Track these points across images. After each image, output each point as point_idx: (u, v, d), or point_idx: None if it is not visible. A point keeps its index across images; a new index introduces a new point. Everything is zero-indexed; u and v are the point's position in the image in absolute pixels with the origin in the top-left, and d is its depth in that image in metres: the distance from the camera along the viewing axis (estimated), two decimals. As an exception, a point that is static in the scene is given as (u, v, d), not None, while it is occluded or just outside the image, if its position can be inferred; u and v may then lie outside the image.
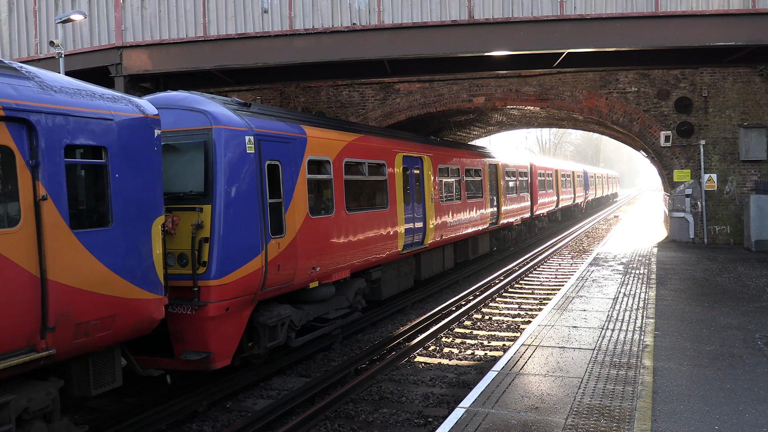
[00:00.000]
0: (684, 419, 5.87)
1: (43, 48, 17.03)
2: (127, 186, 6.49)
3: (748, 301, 11.11)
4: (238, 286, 8.21)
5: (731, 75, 19.26)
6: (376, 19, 15.77)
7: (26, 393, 5.57)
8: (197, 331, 7.93)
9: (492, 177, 20.67)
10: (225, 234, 8.09)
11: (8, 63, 5.98)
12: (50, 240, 5.64)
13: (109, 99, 6.52)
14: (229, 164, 8.26)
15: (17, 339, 5.34)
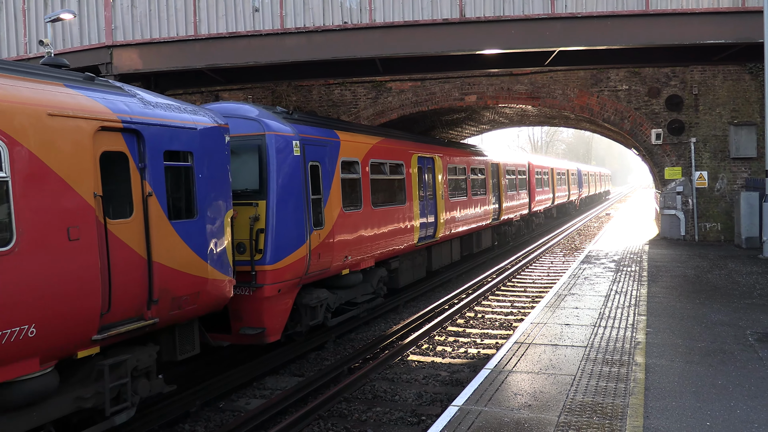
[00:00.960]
0: (676, 415, 5.89)
1: (32, 47, 16.92)
2: (207, 184, 7.75)
3: (739, 298, 11.17)
4: (288, 270, 9.54)
5: (721, 73, 19.35)
6: (368, 18, 15.76)
7: (135, 354, 6.81)
8: (254, 309, 9.22)
9: (494, 175, 21.98)
10: (277, 226, 9.40)
11: (116, 83, 7.20)
12: (154, 229, 6.90)
13: (191, 111, 7.85)
14: (280, 165, 9.57)
15: (131, 309, 6.60)
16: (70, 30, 16.74)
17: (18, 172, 5.51)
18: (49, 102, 5.89)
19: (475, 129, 30.69)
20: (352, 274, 11.71)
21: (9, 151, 5.45)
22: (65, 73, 6.65)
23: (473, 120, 26.66)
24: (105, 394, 6.39)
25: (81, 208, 6.03)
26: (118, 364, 6.58)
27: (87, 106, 6.29)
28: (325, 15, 15.90)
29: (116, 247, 6.44)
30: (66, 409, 6.21)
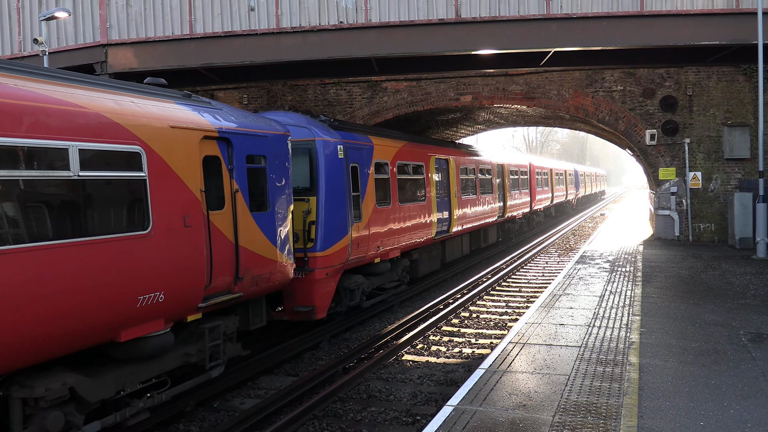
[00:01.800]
0: (670, 415, 5.92)
1: (27, 45, 16.85)
2: (276, 182, 9.26)
3: (733, 298, 11.22)
4: (334, 257, 11.13)
5: (715, 74, 19.42)
6: (363, 18, 15.76)
7: (224, 322, 8.22)
8: (305, 290, 10.78)
9: (499, 176, 23.55)
10: (326, 218, 10.96)
11: (205, 99, 8.63)
12: (240, 219, 8.33)
13: (263, 120, 9.43)
14: (327, 166, 11.12)
15: (224, 284, 7.99)
16: (65, 28, 16.68)
17: (152, 172, 6.90)
18: (170, 116, 7.37)
19: (471, 129, 30.72)
20: (382, 262, 13.28)
21: (147, 155, 6.85)
22: (171, 92, 8.04)
23: (469, 120, 26.69)
24: (205, 351, 7.82)
25: (192, 201, 7.45)
26: (214, 329, 7.99)
27: (194, 119, 7.80)
28: (321, 14, 15.89)
29: (214, 233, 7.85)
30: (177, 363, 7.58)
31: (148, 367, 7.09)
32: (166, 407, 7.87)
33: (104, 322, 6.25)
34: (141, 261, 6.61)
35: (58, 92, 6.12)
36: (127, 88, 7.29)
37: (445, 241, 17.58)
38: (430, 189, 15.86)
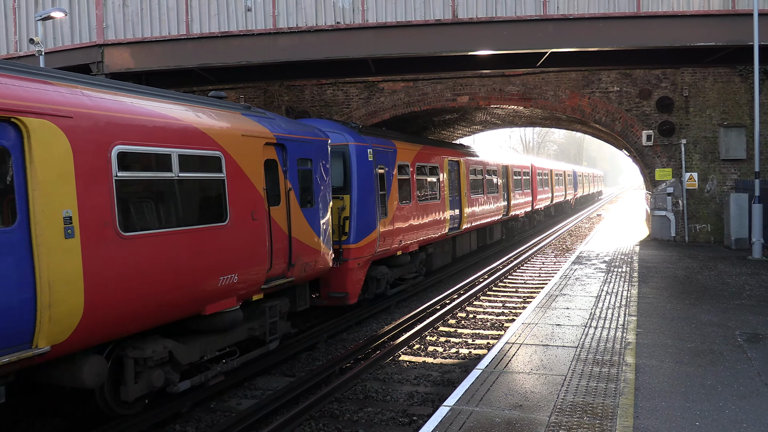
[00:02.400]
0: (666, 415, 5.93)
1: (23, 45, 16.82)
2: (319, 182, 10.62)
3: (728, 299, 11.25)
4: (365, 249, 12.56)
5: (712, 75, 19.48)
6: (360, 18, 15.76)
7: (279, 303, 9.66)
8: (340, 278, 12.17)
9: (504, 176, 24.90)
10: (358, 214, 12.37)
11: (260, 110, 9.97)
12: (293, 214, 9.70)
13: (308, 127, 10.80)
14: (359, 168, 12.52)
15: (281, 270, 9.38)
16: (61, 28, 16.65)
17: (229, 173, 8.27)
18: (240, 126, 8.79)
19: (468, 129, 30.75)
20: (403, 255, 14.74)
21: (225, 159, 8.24)
22: (235, 104, 9.51)
23: (465, 120, 26.71)
24: (266, 327, 9.28)
25: (257, 198, 8.82)
26: (272, 308, 9.42)
27: (258, 128, 9.19)
28: (318, 15, 15.89)
29: (274, 226, 9.18)
30: (244, 335, 8.96)
31: (223, 338, 8.55)
32: (162, 408, 7.86)
33: (197, 297, 7.69)
34: (222, 247, 8.05)
35: (161, 108, 7.48)
36: (203, 101, 8.70)
37: (455, 237, 19.06)
38: (443, 189, 17.33)
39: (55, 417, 8.00)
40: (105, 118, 6.58)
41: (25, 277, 5.70)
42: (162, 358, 7.42)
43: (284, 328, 9.91)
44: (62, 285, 5.91)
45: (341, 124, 13.09)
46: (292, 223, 9.64)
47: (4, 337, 5.53)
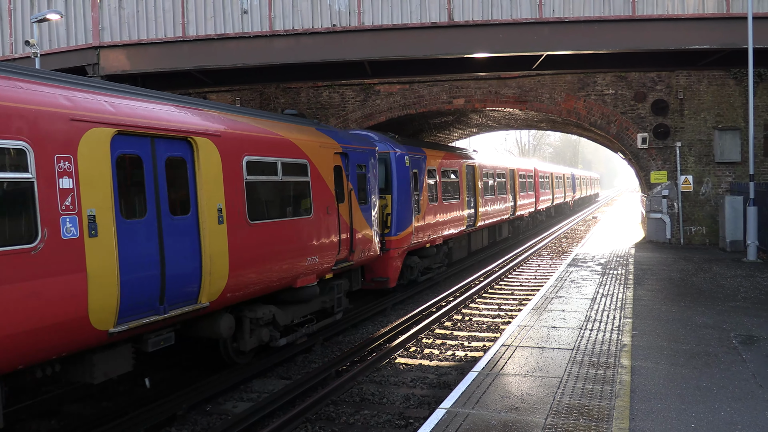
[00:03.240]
0: (661, 418, 5.95)
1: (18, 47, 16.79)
2: (371, 184, 12.76)
3: (723, 301, 11.29)
4: (403, 240, 14.83)
5: (706, 78, 19.55)
6: (356, 21, 15.78)
7: (342, 282, 11.88)
8: (382, 265, 14.48)
9: (511, 179, 27.08)
10: (398, 211, 14.66)
11: (326, 125, 12.14)
12: (353, 210, 11.82)
13: (362, 138, 13.24)
14: (398, 172, 14.82)
15: (345, 255, 11.50)
16: (57, 30, 16.63)
17: (312, 177, 10.49)
18: (317, 139, 10.97)
19: (463, 132, 30.79)
20: (431, 247, 17.13)
21: (309, 166, 10.44)
22: (308, 120, 11.77)
23: (461, 123, 26.74)
24: (334, 301, 11.57)
25: (330, 196, 11.00)
26: (339, 285, 11.66)
27: (329, 140, 11.39)
28: (314, 17, 15.91)
29: (341, 219, 11.35)
30: (318, 307, 11.14)
31: (306, 307, 10.75)
32: (157, 411, 7.85)
33: (293, 272, 9.88)
34: (308, 235, 10.24)
35: (271, 126, 9.90)
36: (291, 120, 10.95)
37: (471, 233, 21.42)
38: (462, 190, 19.66)
39: (53, 419, 7.98)
40: (239, 136, 8.94)
41: (195, 252, 7.87)
42: (268, 319, 9.71)
43: (345, 303, 12.11)
44: (217, 258, 8.13)
45: (382, 134, 15.34)
46: (354, 218, 11.86)
47: (184, 294, 7.71)
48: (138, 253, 7.07)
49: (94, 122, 6.66)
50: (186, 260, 7.71)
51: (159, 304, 7.32)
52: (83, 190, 6.43)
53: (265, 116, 10.18)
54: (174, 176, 7.76)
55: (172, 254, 7.54)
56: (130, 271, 6.91)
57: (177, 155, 7.77)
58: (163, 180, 7.57)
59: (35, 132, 6.00)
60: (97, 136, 6.66)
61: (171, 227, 7.60)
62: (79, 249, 6.33)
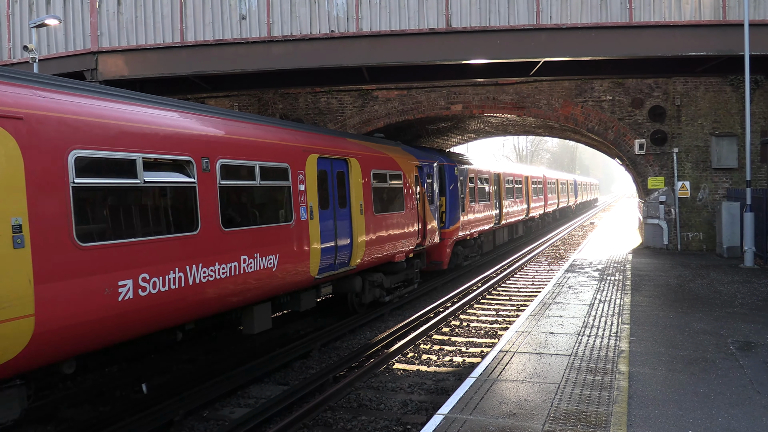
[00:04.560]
0: (659, 424, 5.95)
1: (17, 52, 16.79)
2: (434, 189, 16.67)
3: (721, 307, 11.30)
4: (453, 232, 18.89)
5: (703, 84, 19.62)
6: (355, 27, 15.82)
7: (418, 260, 15.98)
8: (438, 251, 18.25)
9: (525, 185, 31.54)
10: (449, 209, 18.66)
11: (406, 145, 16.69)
12: (425, 208, 15.61)
13: (428, 153, 17.50)
14: (450, 180, 18.82)
15: (419, 241, 15.32)
16: (55, 36, 16.64)
17: (405, 184, 14.36)
18: (406, 156, 15.01)
19: (461, 138, 30.82)
20: (470, 239, 21.48)
21: (403, 176, 14.30)
22: (393, 141, 15.74)
23: (459, 129, 26.78)
24: (413, 274, 15.73)
25: (413, 198, 14.82)
26: (416, 263, 15.82)
27: (411, 156, 15.46)
28: (312, 23, 15.94)
29: (418, 214, 15.31)
30: (403, 278, 15.25)
31: (397, 277, 14.99)
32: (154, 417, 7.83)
33: (394, 251, 13.86)
34: (402, 225, 14.19)
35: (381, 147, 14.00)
36: (384, 142, 14.97)
37: (496, 230, 25.83)
38: (492, 194, 24.16)
39: (49, 424, 7.95)
40: (369, 156, 13.02)
41: (349, 232, 11.81)
42: (379, 283, 13.94)
43: (418, 277, 16.17)
44: (359, 236, 12.06)
45: (436, 151, 19.54)
46: (425, 214, 15.79)
47: (343, 262, 11.63)
48: (327, 232, 11.03)
49: (313, 151, 10.80)
50: (341, 236, 11.60)
51: (333, 263, 11.32)
52: (309, 193, 10.49)
53: (378, 141, 14.60)
54: (338, 182, 11.63)
55: (341, 233, 11.58)
56: (325, 244, 10.98)
57: (341, 170, 11.87)
58: (335, 185, 11.47)
59: (293, 157, 10.23)
60: (314, 159, 10.77)
61: (339, 215, 11.54)
62: (311, 226, 10.51)
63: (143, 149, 7.14)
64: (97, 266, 6.43)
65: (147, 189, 7.24)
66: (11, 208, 5.64)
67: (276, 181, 9.63)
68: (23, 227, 5.70)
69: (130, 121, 7.19)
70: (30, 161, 5.88)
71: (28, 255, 5.72)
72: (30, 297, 5.70)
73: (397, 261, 14.17)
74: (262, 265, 9.05)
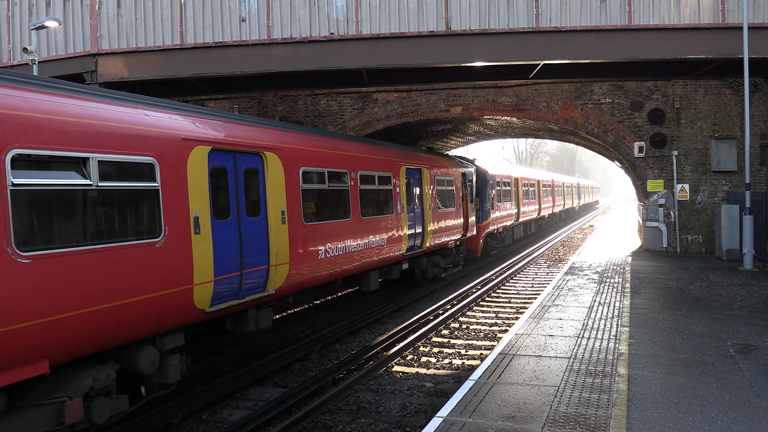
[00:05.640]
0: (658, 427, 5.94)
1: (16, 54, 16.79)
2: (471, 190, 20.70)
3: (720, 310, 11.30)
4: (485, 227, 22.92)
5: (702, 87, 19.64)
6: (354, 29, 15.84)
7: (462, 247, 20.41)
8: (473, 242, 21.97)
9: (537, 188, 35.92)
10: (482, 207, 22.67)
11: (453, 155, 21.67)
12: (467, 206, 19.94)
13: (468, 161, 22.23)
14: (483, 183, 22.75)
15: (464, 232, 19.69)
16: (55, 38, 16.65)
17: (455, 188, 18.64)
18: (455, 164, 19.31)
19: (461, 140, 30.84)
20: (497, 233, 25.87)
21: (454, 181, 18.60)
22: (443, 154, 20.01)
23: (459, 131, 26.79)
24: (459, 258, 19.86)
25: (459, 198, 18.92)
26: (460, 249, 19.90)
27: (458, 164, 19.54)
28: (312, 26, 15.95)
29: (462, 211, 19.20)
30: (452, 262, 19.02)
31: (448, 260, 18.44)
32: (153, 419, 7.81)
33: (447, 239, 17.69)
34: (453, 219, 18.01)
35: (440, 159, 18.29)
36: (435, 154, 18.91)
37: (514, 227, 30.05)
38: (512, 196, 28.51)
39: (46, 428, 7.93)
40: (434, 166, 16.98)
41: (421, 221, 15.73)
42: (437, 263, 17.54)
43: (462, 260, 20.21)
44: (428, 226, 15.88)
45: (470, 160, 22.71)
46: (467, 211, 19.56)
47: (418, 245, 15.30)
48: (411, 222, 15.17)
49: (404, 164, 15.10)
50: (417, 226, 15.47)
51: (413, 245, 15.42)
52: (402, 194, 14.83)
53: (434, 154, 19.09)
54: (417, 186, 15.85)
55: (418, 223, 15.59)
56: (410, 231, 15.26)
57: (417, 177, 15.83)
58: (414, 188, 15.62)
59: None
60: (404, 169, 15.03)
61: (417, 210, 15.62)
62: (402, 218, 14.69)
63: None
64: (314, 238, 10.46)
65: (330, 191, 11.32)
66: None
67: (388, 186, 13.98)
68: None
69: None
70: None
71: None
72: (287, 252, 9.56)
73: (449, 247, 18.45)
74: (378, 243, 13.16)
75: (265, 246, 9.17)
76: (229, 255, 8.31)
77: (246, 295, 8.75)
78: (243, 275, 8.67)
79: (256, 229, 8.97)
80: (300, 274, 10.02)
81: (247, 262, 8.74)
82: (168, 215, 7.18)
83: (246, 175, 8.95)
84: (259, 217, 9.08)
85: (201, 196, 7.81)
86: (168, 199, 7.25)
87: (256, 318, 9.38)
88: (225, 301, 8.32)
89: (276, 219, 9.34)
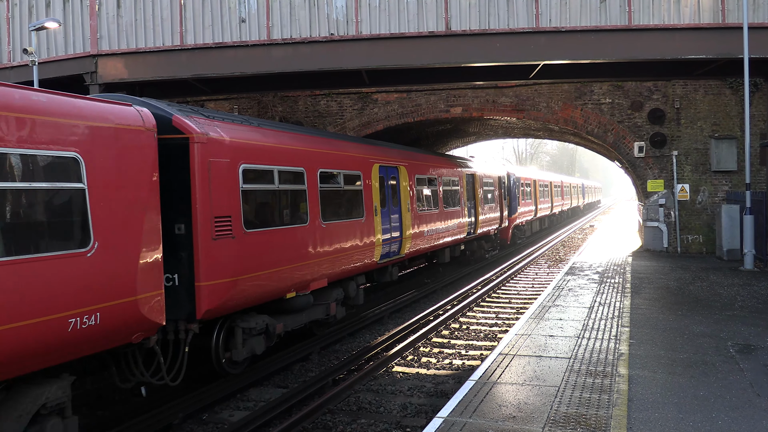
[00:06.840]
0: (659, 427, 5.94)
1: (16, 55, 16.80)
2: (504, 191, 26.14)
3: (720, 310, 11.30)
4: (513, 220, 28.35)
5: (702, 87, 19.63)
6: (354, 30, 15.83)
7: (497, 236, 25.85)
8: (505, 232, 26.96)
9: (550, 188, 41.12)
10: (510, 204, 27.35)
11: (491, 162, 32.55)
12: (503, 202, 25.69)
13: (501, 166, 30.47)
14: (512, 184, 27.80)
15: (500, 223, 25.16)
16: (55, 39, 16.65)
17: (496, 188, 24.66)
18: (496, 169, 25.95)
19: (461, 141, 30.86)
20: (521, 225, 30.88)
21: (495, 184, 24.51)
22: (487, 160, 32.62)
23: (459, 132, 26.80)
24: (496, 243, 25.49)
25: (498, 197, 24.91)
26: (497, 236, 25.60)
27: (497, 168, 26.42)
28: (312, 26, 15.95)
29: (501, 205, 25.26)
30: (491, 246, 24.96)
31: (490, 244, 24.23)
32: (153, 420, 7.81)
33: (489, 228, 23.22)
34: (494, 212, 23.82)
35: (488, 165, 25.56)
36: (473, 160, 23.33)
37: (533, 221, 35.31)
38: (532, 195, 33.59)
39: (46, 429, 7.92)
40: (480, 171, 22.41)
41: (474, 213, 20.70)
42: (483, 246, 22.98)
43: (498, 245, 25.13)
44: (478, 217, 21.13)
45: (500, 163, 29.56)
46: (503, 206, 24.43)
47: (472, 231, 20.73)
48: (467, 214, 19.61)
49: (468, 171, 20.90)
50: (471, 217, 20.29)
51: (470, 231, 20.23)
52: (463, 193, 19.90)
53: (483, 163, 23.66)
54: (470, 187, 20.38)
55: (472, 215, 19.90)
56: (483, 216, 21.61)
57: (471, 181, 20.49)
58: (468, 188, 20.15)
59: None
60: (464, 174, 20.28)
61: (471, 205, 20.15)
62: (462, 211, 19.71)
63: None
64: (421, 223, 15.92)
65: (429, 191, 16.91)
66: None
67: (452, 187, 18.69)
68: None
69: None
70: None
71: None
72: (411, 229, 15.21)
73: (490, 234, 23.64)
74: (450, 228, 18.37)
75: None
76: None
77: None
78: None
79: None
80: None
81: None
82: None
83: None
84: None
85: (375, 194, 13.42)
86: (366, 196, 12.88)
87: (391, 273, 14.69)
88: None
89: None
